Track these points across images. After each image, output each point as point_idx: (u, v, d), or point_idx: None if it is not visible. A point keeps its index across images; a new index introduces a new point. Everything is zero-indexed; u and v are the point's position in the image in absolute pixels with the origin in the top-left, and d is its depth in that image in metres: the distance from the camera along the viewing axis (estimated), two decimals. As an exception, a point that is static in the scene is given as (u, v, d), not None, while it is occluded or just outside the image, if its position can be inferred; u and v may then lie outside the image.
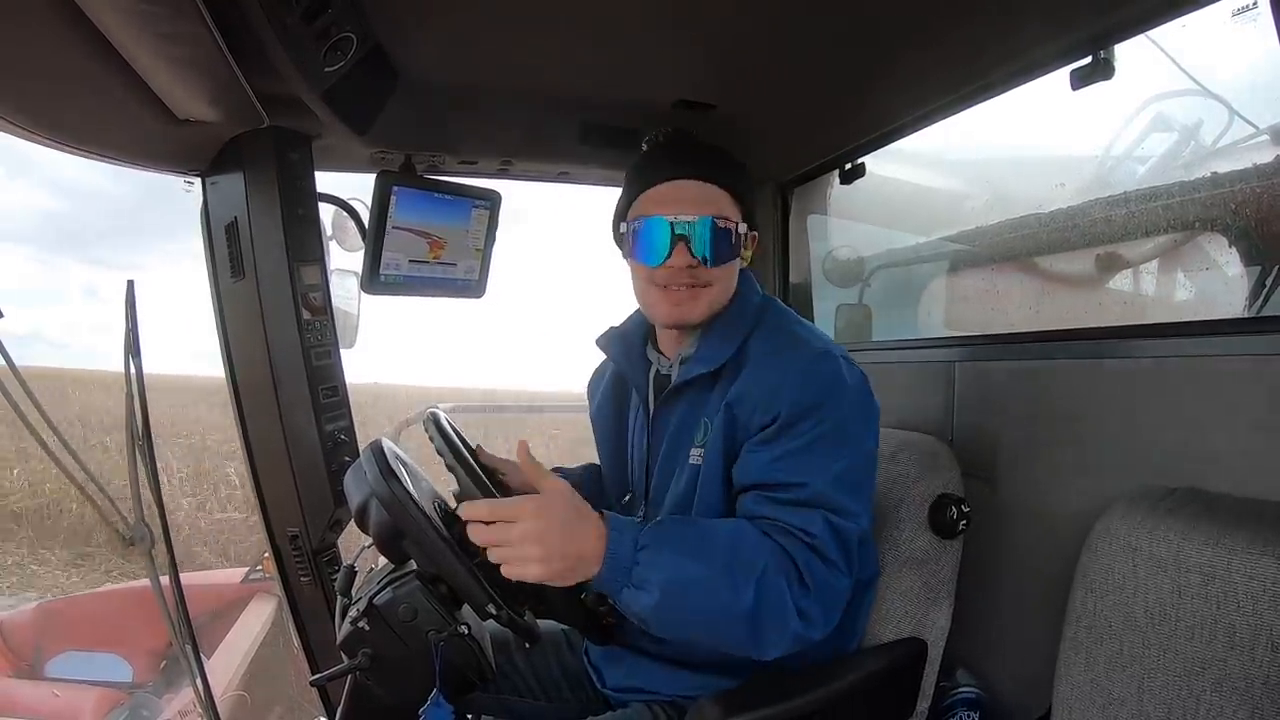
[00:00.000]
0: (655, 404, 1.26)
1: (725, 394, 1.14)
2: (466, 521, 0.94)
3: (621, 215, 1.25)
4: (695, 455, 1.17)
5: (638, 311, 1.33)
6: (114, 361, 1.51)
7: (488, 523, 0.93)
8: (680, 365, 1.25)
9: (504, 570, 0.94)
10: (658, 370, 1.29)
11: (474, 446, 1.26)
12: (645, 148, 1.28)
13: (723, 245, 1.16)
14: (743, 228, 1.19)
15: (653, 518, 1.18)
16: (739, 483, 1.10)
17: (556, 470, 1.45)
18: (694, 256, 1.14)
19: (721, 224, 1.15)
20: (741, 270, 1.26)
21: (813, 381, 1.08)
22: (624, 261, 1.26)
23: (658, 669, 1.18)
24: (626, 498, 1.33)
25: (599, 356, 1.42)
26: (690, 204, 1.15)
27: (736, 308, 1.23)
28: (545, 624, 1.27)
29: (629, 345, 1.33)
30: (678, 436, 1.22)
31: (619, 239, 1.26)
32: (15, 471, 8.05)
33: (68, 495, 7.46)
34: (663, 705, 1.17)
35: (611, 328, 1.38)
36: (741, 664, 1.11)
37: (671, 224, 1.14)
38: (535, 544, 0.92)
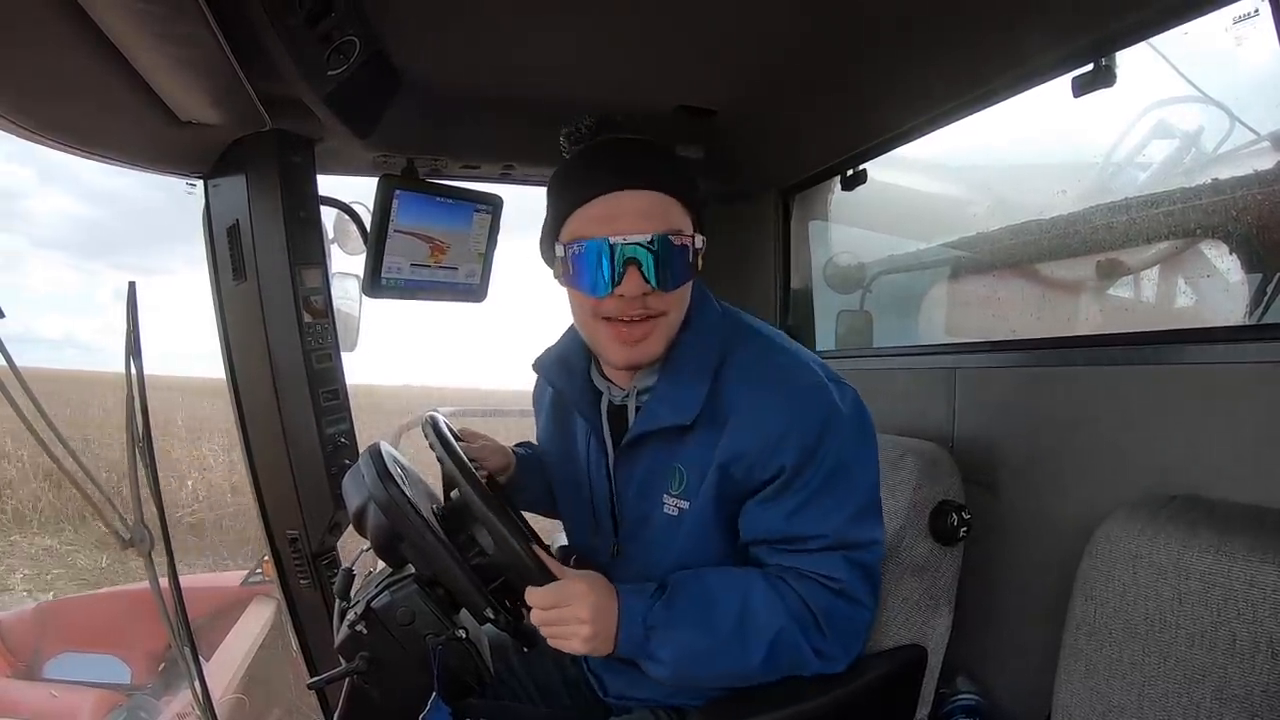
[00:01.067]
0: (615, 450, 1.14)
1: (707, 443, 1.04)
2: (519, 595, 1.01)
3: (553, 234, 1.06)
4: (672, 505, 1.09)
5: (573, 328, 1.17)
6: (146, 366, 1.51)
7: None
8: (639, 397, 1.11)
9: (552, 643, 1.00)
10: (610, 401, 1.16)
11: (458, 431, 1.24)
12: (569, 153, 1.08)
13: (679, 266, 1.00)
14: (698, 241, 1.03)
15: (626, 562, 1.14)
16: (750, 537, 1.05)
17: (523, 445, 1.40)
18: (647, 283, 0.98)
19: (676, 241, 0.99)
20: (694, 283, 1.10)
21: (811, 425, 1.00)
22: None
23: (653, 681, 1.17)
24: (595, 538, 1.21)
25: None
26: (638, 219, 0.98)
27: (697, 332, 1.08)
28: None
29: (571, 371, 1.19)
30: (648, 482, 1.11)
31: (551, 262, 1.08)
32: (190, 483, 8.16)
33: (241, 508, 7.44)
34: (666, 711, 1.16)
35: (549, 349, 1.24)
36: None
37: (619, 247, 0.97)
38: (585, 626, 0.97)
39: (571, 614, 0.97)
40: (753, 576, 1.02)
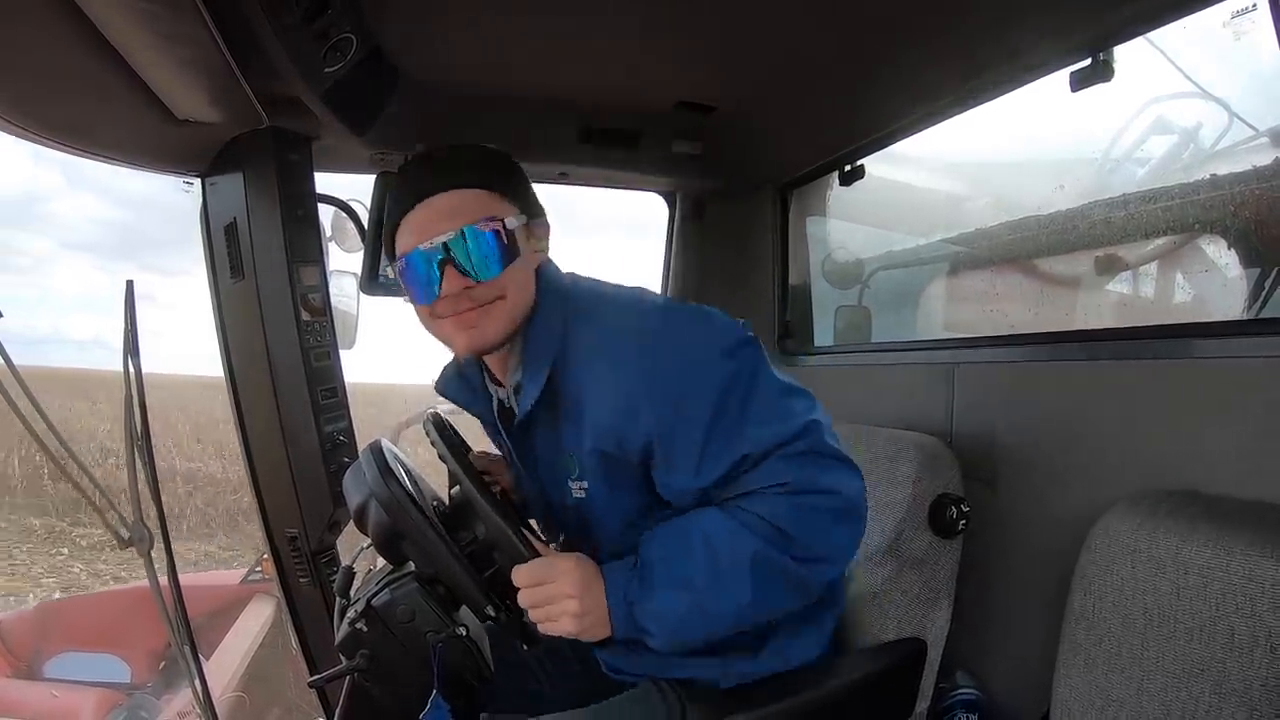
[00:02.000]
0: (510, 442, 1.17)
1: (576, 428, 1.04)
2: (516, 588, 0.98)
3: (389, 258, 1.10)
4: (576, 488, 1.10)
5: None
6: (168, 364, 1.51)
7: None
8: (515, 395, 1.13)
9: (542, 627, 0.99)
10: (500, 403, 1.19)
11: (473, 452, 1.25)
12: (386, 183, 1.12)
13: (491, 250, 1.01)
14: (515, 220, 1.04)
15: (573, 549, 1.12)
16: (680, 501, 1.04)
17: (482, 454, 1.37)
18: (466, 276, 1.00)
19: (485, 227, 1.00)
20: (541, 266, 1.11)
21: (661, 382, 0.98)
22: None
23: (659, 656, 1.17)
24: (548, 531, 1.27)
25: None
26: (442, 220, 1.01)
27: (543, 316, 1.08)
28: None
29: (468, 381, 1.22)
30: (551, 470, 1.13)
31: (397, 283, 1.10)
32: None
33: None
34: (670, 684, 1.15)
35: (447, 366, 1.26)
36: (745, 643, 1.11)
37: (430, 251, 1.00)
38: (573, 600, 0.96)
39: (558, 590, 0.97)
40: (706, 514, 1.00)
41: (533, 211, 1.09)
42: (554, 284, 1.11)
